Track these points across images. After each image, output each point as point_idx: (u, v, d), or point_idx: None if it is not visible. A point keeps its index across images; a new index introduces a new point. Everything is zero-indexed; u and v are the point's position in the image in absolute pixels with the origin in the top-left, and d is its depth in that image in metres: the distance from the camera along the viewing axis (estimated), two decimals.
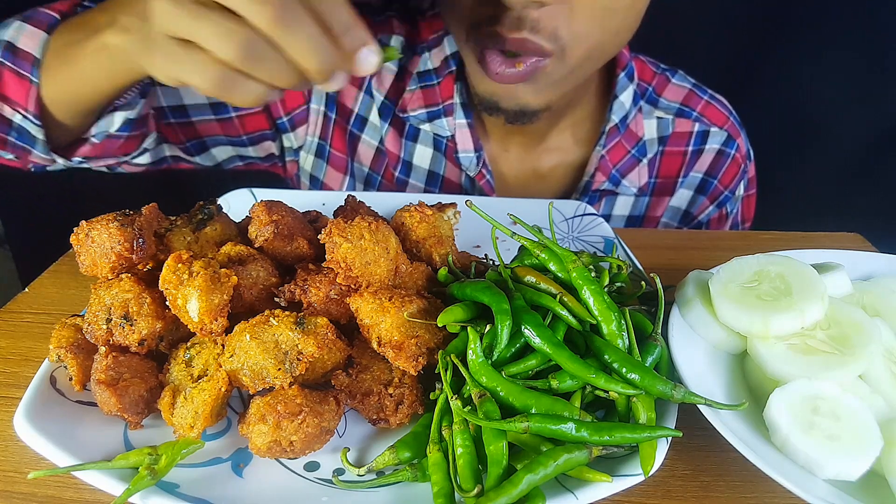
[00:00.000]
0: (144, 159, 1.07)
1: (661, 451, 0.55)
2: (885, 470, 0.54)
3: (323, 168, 1.24)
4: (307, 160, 1.25)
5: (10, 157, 0.93)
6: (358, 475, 0.57)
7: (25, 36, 0.85)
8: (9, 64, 0.85)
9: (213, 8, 0.59)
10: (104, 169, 1.03)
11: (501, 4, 0.86)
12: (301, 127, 1.20)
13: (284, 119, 1.18)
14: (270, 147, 1.23)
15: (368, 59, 0.63)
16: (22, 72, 0.85)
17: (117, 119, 0.92)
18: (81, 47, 0.78)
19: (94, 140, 0.93)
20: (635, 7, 0.93)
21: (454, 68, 1.13)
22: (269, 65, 0.60)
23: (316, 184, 1.26)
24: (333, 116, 1.20)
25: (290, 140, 1.21)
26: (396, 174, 1.21)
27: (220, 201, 0.81)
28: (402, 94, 1.16)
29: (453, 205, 0.85)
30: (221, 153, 1.22)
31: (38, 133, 0.87)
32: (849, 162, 1.58)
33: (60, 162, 0.94)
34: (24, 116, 0.86)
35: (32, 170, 0.96)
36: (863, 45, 1.42)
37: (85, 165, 0.98)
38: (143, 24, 0.65)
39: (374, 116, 1.19)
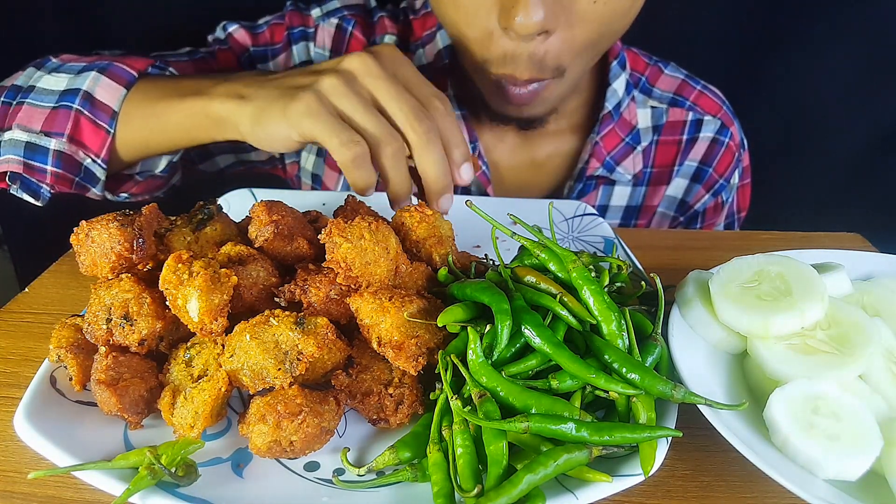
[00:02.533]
0: (175, 180, 1.16)
1: (662, 451, 0.55)
2: (885, 470, 0.54)
3: (322, 168, 1.25)
4: (308, 160, 1.25)
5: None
6: (358, 475, 0.57)
7: (102, 88, 0.93)
8: (87, 113, 0.92)
9: (376, 107, 0.79)
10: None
11: (510, 42, 0.88)
12: None
13: (266, 150, 1.19)
14: None
15: (467, 172, 0.83)
16: (100, 123, 0.93)
17: (162, 162, 1.04)
18: (173, 110, 0.90)
19: (138, 178, 1.05)
20: (629, 15, 0.94)
21: (447, 61, 1.14)
22: (397, 171, 0.79)
23: (318, 182, 1.27)
24: None
25: None
26: None
27: (220, 201, 0.81)
28: None
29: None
30: (224, 160, 1.24)
31: (102, 175, 0.96)
32: (849, 162, 1.57)
33: (108, 197, 1.03)
34: (94, 161, 0.94)
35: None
36: (863, 44, 1.42)
37: (120, 198, 1.07)
38: (278, 89, 0.80)
39: None
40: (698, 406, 0.57)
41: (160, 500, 0.53)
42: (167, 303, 0.62)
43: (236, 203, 0.97)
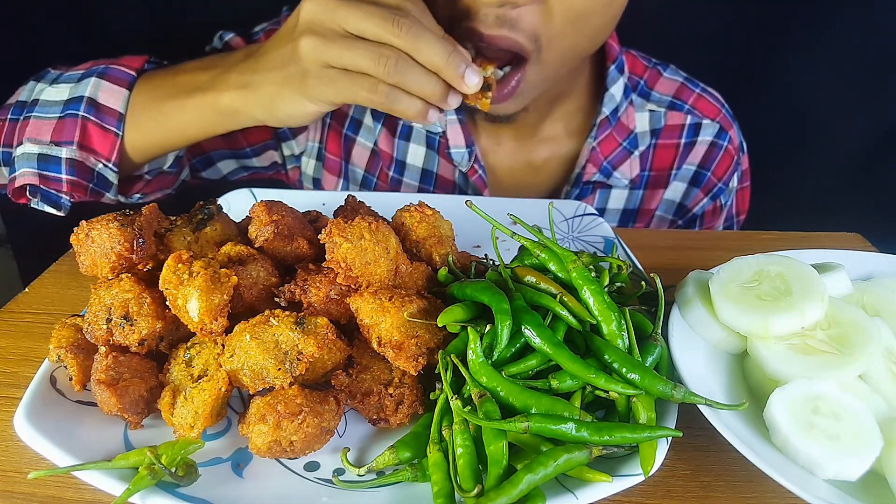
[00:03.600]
0: (184, 176, 1.16)
1: (662, 451, 0.55)
2: (885, 470, 0.54)
3: (322, 171, 1.26)
4: (309, 164, 1.26)
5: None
6: (358, 475, 0.57)
7: (105, 93, 0.94)
8: (94, 119, 0.94)
9: (356, 39, 0.77)
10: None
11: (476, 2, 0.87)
12: (301, 133, 1.22)
13: (285, 127, 1.19)
14: (273, 156, 1.25)
15: (471, 77, 0.80)
16: (107, 127, 0.94)
17: (170, 157, 1.04)
18: (181, 107, 0.91)
19: (147, 177, 1.05)
20: (611, 10, 0.94)
21: None
22: (415, 76, 0.78)
23: (318, 187, 1.28)
24: (328, 121, 1.22)
25: (290, 147, 1.24)
26: (391, 174, 1.21)
27: (220, 201, 0.81)
28: None
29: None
30: (226, 167, 1.24)
31: (114, 179, 0.97)
32: (849, 162, 1.57)
33: (121, 200, 1.04)
34: (106, 165, 0.95)
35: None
36: (863, 44, 1.42)
37: (140, 200, 1.08)
38: (275, 70, 0.82)
39: (367, 119, 1.20)
40: (698, 406, 0.57)
41: (160, 500, 0.53)
42: (167, 303, 0.62)
43: (236, 203, 0.96)
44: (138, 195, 1.07)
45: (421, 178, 1.21)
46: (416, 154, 1.20)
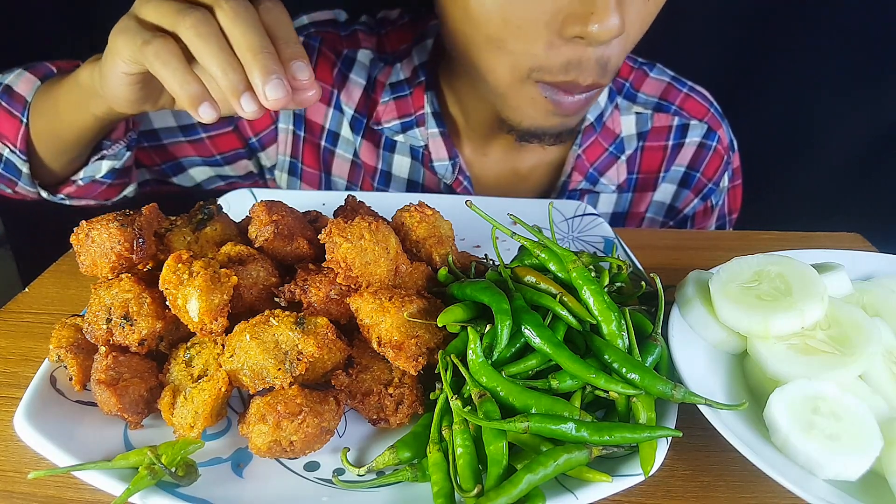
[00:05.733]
0: (128, 192, 1.13)
1: (661, 451, 0.55)
2: (885, 470, 0.54)
3: (297, 185, 1.24)
4: (281, 178, 1.25)
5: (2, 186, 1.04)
6: (358, 475, 0.57)
7: (22, 81, 0.96)
8: (4, 104, 0.96)
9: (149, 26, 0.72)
10: (82, 204, 1.10)
11: (574, 49, 0.85)
12: (271, 146, 1.20)
13: (254, 139, 1.18)
14: (248, 165, 1.23)
15: (302, 71, 0.71)
16: (14, 112, 0.96)
17: (104, 166, 1.02)
18: (60, 88, 0.91)
19: (79, 182, 1.03)
20: (659, 8, 0.92)
21: (423, 79, 1.13)
22: (170, 69, 0.70)
23: None
24: (303, 135, 1.19)
25: (263, 159, 1.22)
26: (375, 184, 1.21)
27: (220, 201, 0.81)
28: (374, 107, 1.16)
29: None
30: (199, 174, 1.23)
31: (23, 167, 0.97)
32: (848, 162, 1.57)
33: (44, 195, 1.03)
34: (12, 151, 0.96)
35: (26, 198, 1.05)
36: (862, 45, 1.42)
37: (66, 202, 1.07)
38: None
39: (345, 131, 1.18)
40: (698, 406, 0.57)
41: (160, 500, 0.53)
42: (167, 303, 0.62)
43: (236, 203, 0.97)
44: (62, 196, 1.05)
45: (406, 189, 1.21)
46: (401, 165, 1.19)
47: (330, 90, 1.16)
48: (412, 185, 1.20)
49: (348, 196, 0.86)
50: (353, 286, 0.65)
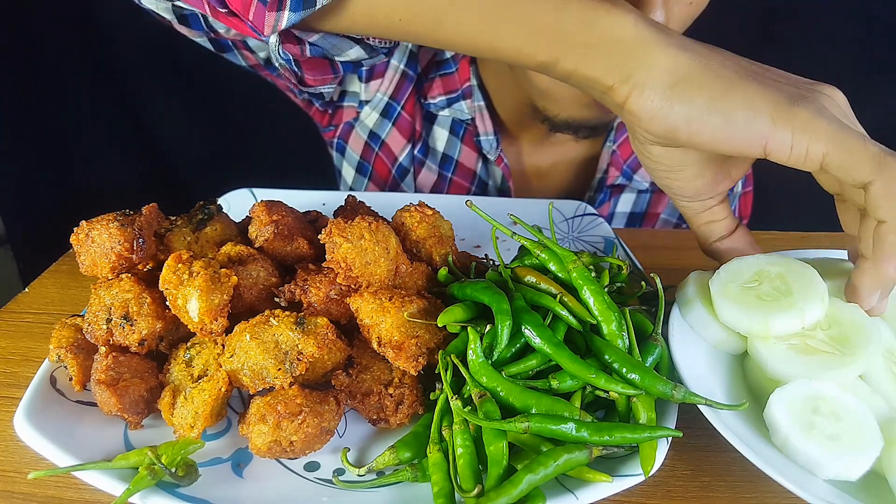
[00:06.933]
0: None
1: (662, 451, 0.55)
2: (885, 470, 0.54)
3: (387, 128, 1.19)
4: (370, 116, 1.19)
5: None
6: (358, 475, 0.57)
7: None
8: None
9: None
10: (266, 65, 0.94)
11: None
12: (376, 80, 1.15)
13: (364, 68, 1.11)
14: (328, 79, 0.93)
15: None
16: None
17: (353, 53, 0.78)
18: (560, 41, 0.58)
19: (308, 51, 0.76)
20: (702, 8, 0.92)
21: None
22: None
23: (376, 141, 1.19)
24: (414, 76, 1.13)
25: (358, 88, 1.15)
26: (415, 153, 1.20)
27: (220, 201, 0.81)
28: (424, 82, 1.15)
29: None
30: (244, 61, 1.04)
31: (322, 2, 0.62)
32: None
33: (272, 41, 0.70)
34: None
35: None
36: (863, 44, 1.42)
37: (263, 55, 0.88)
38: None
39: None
40: (698, 406, 0.57)
41: (160, 500, 0.53)
42: (167, 303, 0.62)
43: (236, 203, 0.96)
44: (287, 56, 0.75)
45: (441, 164, 1.20)
46: (438, 137, 1.18)
47: None
48: (446, 160, 1.20)
49: (348, 196, 0.86)
50: (353, 286, 0.65)
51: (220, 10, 0.66)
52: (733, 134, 0.55)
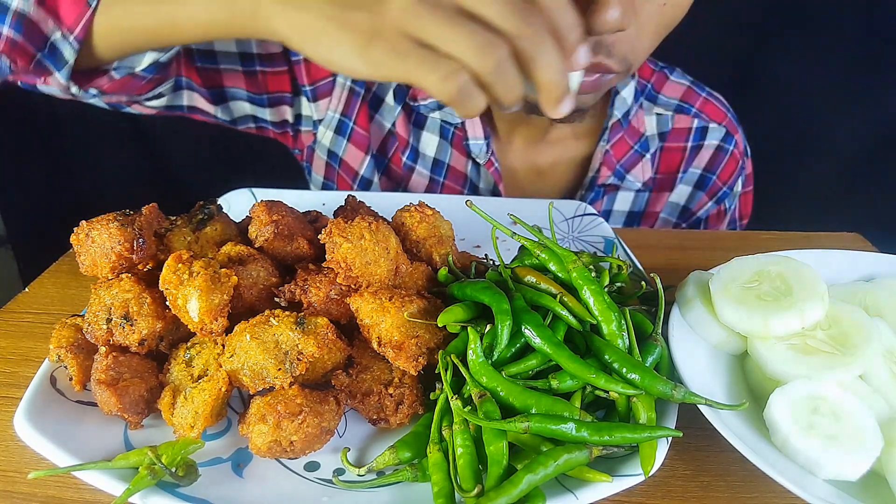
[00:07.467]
0: (159, 103, 1.03)
1: (662, 451, 0.55)
2: (885, 470, 0.54)
3: (343, 145, 1.20)
4: (326, 135, 1.20)
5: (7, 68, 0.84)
6: (358, 475, 0.57)
7: None
8: None
9: (463, 15, 0.60)
10: (108, 106, 0.97)
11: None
12: (324, 100, 1.16)
13: (308, 88, 1.14)
14: (286, 112, 1.19)
15: (583, 56, 0.65)
16: None
17: (147, 59, 0.87)
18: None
19: (114, 74, 0.88)
20: (683, 15, 0.93)
21: None
22: (508, 81, 0.61)
23: (335, 160, 1.22)
24: (361, 91, 1.16)
25: (309, 110, 1.18)
26: (404, 159, 1.21)
27: (220, 201, 0.81)
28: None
29: None
30: (238, 109, 1.16)
31: (70, 57, 0.81)
32: (849, 162, 1.57)
33: (73, 90, 0.86)
34: (65, 37, 0.79)
35: (20, 85, 0.88)
36: (862, 45, 1.42)
37: (93, 101, 0.93)
38: (357, 15, 0.62)
39: (389, 97, 1.17)
40: (698, 406, 0.57)
41: (160, 500, 0.53)
42: (167, 303, 0.62)
43: (236, 203, 0.97)
44: (95, 91, 0.89)
45: (432, 168, 1.21)
46: (428, 143, 1.18)
47: None
48: (437, 165, 1.20)
49: (348, 196, 0.86)
50: (353, 286, 0.65)
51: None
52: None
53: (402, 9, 0.60)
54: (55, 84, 0.84)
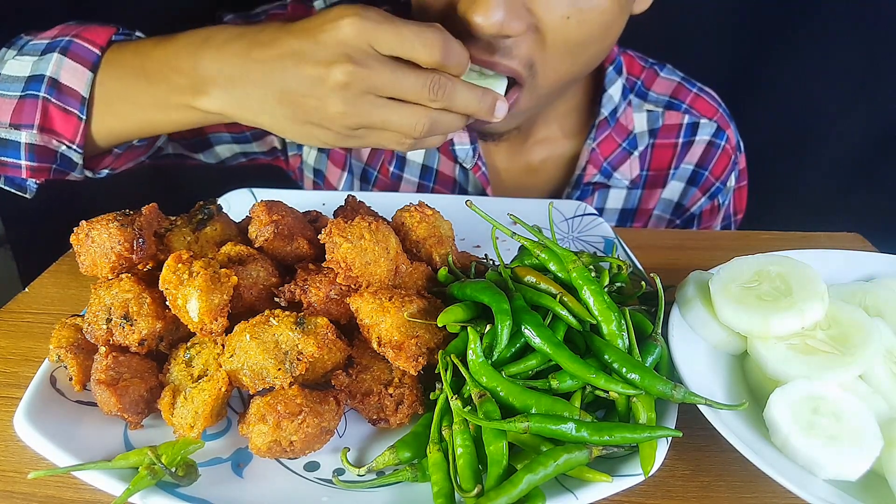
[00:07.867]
0: (160, 144, 1.10)
1: (661, 451, 0.55)
2: (885, 470, 0.54)
3: (325, 162, 1.24)
4: (310, 154, 1.25)
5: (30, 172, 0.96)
6: (358, 475, 0.57)
7: (67, 72, 0.88)
8: (55, 101, 0.88)
9: (390, 100, 0.77)
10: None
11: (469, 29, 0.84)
12: None
13: None
14: (273, 141, 1.23)
15: (501, 109, 0.83)
16: (70, 109, 0.88)
17: None
18: (151, 95, 0.86)
19: (116, 150, 0.98)
20: (608, 39, 0.93)
21: None
22: (443, 127, 0.81)
23: (320, 177, 1.26)
24: None
25: None
26: (391, 169, 1.21)
27: (220, 201, 0.81)
28: None
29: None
30: (225, 151, 1.22)
31: (79, 160, 0.93)
32: (849, 162, 1.57)
33: (88, 175, 0.98)
34: (70, 147, 0.90)
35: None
36: (862, 45, 1.42)
37: (102, 175, 1.03)
38: (286, 90, 0.77)
39: None
40: (698, 406, 0.57)
41: (160, 499, 0.53)
42: (167, 303, 0.62)
43: (236, 203, 0.97)
44: (107, 170, 1.01)
45: (421, 175, 1.21)
46: (416, 150, 1.19)
47: None
48: (426, 171, 1.21)
49: (348, 196, 0.86)
50: (353, 286, 0.65)
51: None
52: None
53: (340, 100, 0.75)
54: (72, 177, 0.97)
